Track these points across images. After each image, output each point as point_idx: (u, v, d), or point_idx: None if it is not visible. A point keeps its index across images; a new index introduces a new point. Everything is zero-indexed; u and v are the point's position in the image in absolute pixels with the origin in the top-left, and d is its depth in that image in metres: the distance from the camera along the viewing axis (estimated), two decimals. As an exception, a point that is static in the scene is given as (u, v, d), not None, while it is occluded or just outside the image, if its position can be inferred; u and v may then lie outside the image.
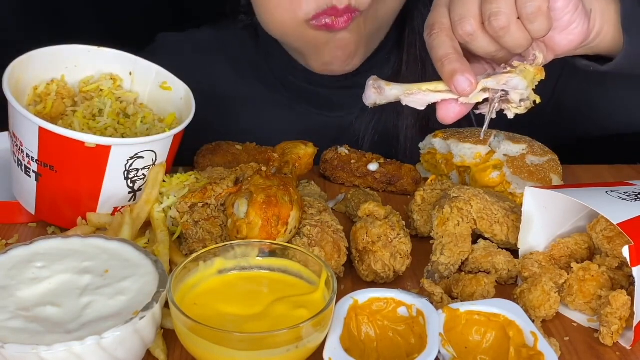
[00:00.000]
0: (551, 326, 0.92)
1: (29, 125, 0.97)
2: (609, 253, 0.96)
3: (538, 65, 0.90)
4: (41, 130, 0.96)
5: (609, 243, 0.96)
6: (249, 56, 1.50)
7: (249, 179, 1.00)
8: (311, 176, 1.25)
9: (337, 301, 0.84)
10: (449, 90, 0.91)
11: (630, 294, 0.88)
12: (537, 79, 0.91)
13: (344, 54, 1.29)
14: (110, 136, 1.05)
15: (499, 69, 0.92)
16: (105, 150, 0.98)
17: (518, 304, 0.90)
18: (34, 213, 1.07)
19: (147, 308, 0.78)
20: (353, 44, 1.28)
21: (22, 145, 1.00)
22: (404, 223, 1.03)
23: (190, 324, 0.76)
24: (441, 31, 0.90)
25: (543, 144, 1.22)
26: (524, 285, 0.94)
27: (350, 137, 1.42)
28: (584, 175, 1.31)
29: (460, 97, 0.91)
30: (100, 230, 1.02)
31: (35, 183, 1.02)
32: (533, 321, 0.87)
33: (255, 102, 1.49)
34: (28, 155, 1.00)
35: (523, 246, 1.01)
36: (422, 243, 1.05)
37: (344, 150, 1.27)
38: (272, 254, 0.89)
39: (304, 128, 1.44)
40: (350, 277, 1.00)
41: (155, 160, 1.03)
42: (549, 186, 1.14)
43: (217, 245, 0.88)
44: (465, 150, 1.19)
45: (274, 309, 0.81)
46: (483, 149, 1.19)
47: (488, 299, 0.92)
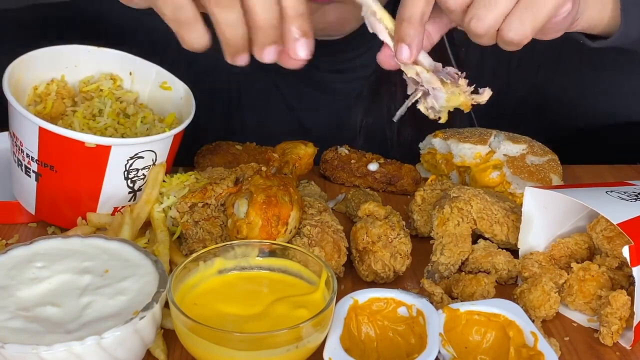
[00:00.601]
0: (551, 326, 0.92)
1: (29, 125, 0.97)
2: (609, 253, 0.96)
3: (477, 100, 0.91)
4: (41, 130, 0.96)
5: (609, 243, 0.96)
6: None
7: (249, 179, 1.00)
8: (311, 176, 1.25)
9: (337, 301, 0.84)
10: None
11: (630, 294, 0.88)
12: (456, 106, 0.92)
13: (337, 22, 1.26)
14: (110, 136, 1.05)
15: (444, 71, 0.92)
16: (105, 150, 0.98)
17: (518, 304, 0.90)
18: (34, 213, 1.07)
19: (147, 308, 0.78)
20: (345, 12, 1.24)
21: (22, 145, 1.00)
22: (404, 223, 1.03)
23: (190, 324, 0.76)
24: None
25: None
26: (524, 285, 0.94)
27: (347, 134, 1.42)
28: (584, 175, 1.32)
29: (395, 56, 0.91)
30: (100, 230, 1.02)
31: (35, 183, 1.02)
32: (533, 321, 0.87)
33: (255, 102, 1.49)
34: (28, 155, 1.00)
35: (523, 246, 1.01)
36: (422, 243, 1.05)
37: (344, 150, 1.27)
38: (272, 254, 0.89)
39: (304, 128, 1.44)
40: (350, 277, 1.00)
41: (155, 160, 1.03)
42: (549, 186, 1.14)
43: (217, 245, 0.88)
44: (465, 150, 1.19)
45: (274, 309, 0.81)
46: (483, 149, 1.19)
47: (488, 299, 0.92)
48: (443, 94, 0.91)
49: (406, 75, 0.92)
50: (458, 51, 1.36)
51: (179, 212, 1.01)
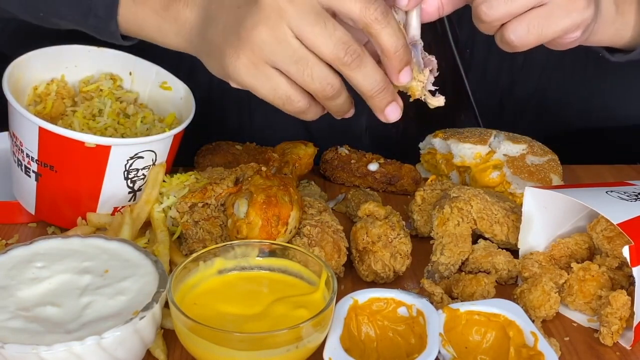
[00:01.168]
0: (551, 326, 0.92)
1: (28, 125, 0.97)
2: (609, 253, 0.96)
3: (427, 100, 0.91)
4: (41, 130, 0.96)
5: (609, 243, 0.96)
6: None
7: (249, 179, 1.00)
8: (311, 176, 1.25)
9: (337, 301, 0.84)
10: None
11: (630, 294, 0.88)
12: (404, 89, 0.91)
13: None
14: (110, 136, 1.05)
15: (418, 50, 0.90)
16: (105, 150, 0.98)
17: (518, 304, 0.90)
18: (34, 213, 1.07)
19: (147, 308, 0.78)
20: None
21: (22, 145, 1.00)
22: (404, 223, 1.03)
23: (190, 324, 0.76)
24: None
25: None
26: (524, 285, 0.94)
27: (350, 136, 1.41)
28: (584, 175, 1.31)
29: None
30: (100, 230, 1.02)
31: (35, 183, 1.02)
32: (533, 321, 0.87)
33: (258, 102, 1.49)
34: (28, 155, 1.00)
35: (523, 246, 1.01)
36: (422, 243, 1.05)
37: (344, 150, 1.27)
38: (272, 254, 0.89)
39: (304, 128, 1.44)
40: (350, 277, 1.00)
41: (155, 160, 1.03)
42: (549, 186, 1.14)
43: (217, 245, 0.88)
44: (465, 150, 1.19)
45: (274, 309, 0.81)
46: (483, 149, 1.19)
47: (488, 299, 0.92)
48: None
49: None
50: (462, 52, 1.36)
51: (179, 212, 1.01)
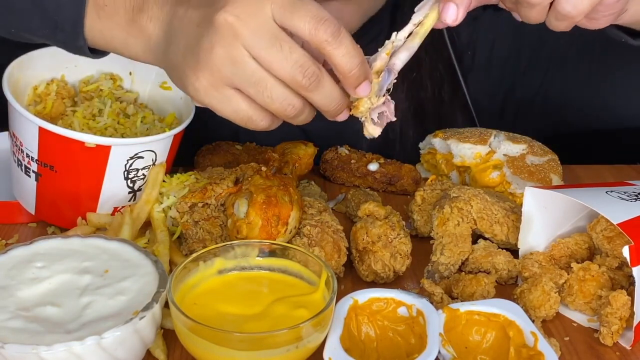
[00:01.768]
0: (551, 326, 0.92)
1: (28, 125, 0.97)
2: (609, 253, 0.96)
3: (364, 125, 0.91)
4: (41, 130, 0.96)
5: (609, 243, 0.96)
6: None
7: (249, 179, 1.00)
8: (311, 176, 1.25)
9: (337, 301, 0.84)
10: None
11: (630, 294, 0.88)
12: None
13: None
14: (110, 136, 1.05)
15: (389, 77, 0.89)
16: (105, 150, 0.98)
17: (518, 304, 0.90)
18: (34, 213, 1.07)
19: (147, 308, 0.78)
20: (345, 13, 1.21)
21: (22, 145, 1.00)
22: (404, 223, 1.03)
23: (190, 324, 0.76)
24: None
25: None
26: (524, 285, 0.94)
27: (350, 136, 1.41)
28: (584, 175, 1.31)
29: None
30: (100, 230, 1.02)
31: (35, 183, 1.02)
32: (533, 321, 0.87)
33: None
34: (28, 155, 1.00)
35: (523, 246, 1.01)
36: (422, 243, 1.05)
37: (344, 150, 1.27)
38: (272, 254, 0.89)
39: (307, 131, 1.44)
40: (350, 277, 1.00)
41: (155, 160, 1.03)
42: (549, 186, 1.14)
43: (217, 245, 0.88)
44: (465, 150, 1.19)
45: (274, 309, 0.81)
46: (483, 149, 1.19)
47: (488, 299, 0.92)
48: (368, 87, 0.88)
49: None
50: (462, 55, 1.35)
51: (179, 212, 1.01)
